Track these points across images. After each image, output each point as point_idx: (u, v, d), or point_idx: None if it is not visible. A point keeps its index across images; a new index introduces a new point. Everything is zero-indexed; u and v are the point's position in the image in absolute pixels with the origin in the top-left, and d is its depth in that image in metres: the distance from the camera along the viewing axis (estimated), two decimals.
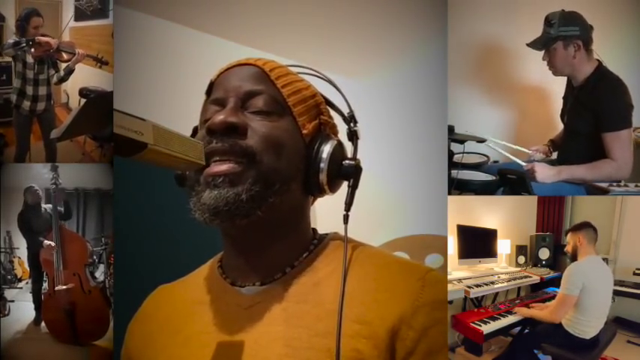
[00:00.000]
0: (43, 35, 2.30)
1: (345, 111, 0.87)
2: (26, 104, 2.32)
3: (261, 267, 0.79)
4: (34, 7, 2.32)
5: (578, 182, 1.93)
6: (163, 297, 0.91)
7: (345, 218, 0.81)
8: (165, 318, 0.85)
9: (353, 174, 0.81)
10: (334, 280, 0.76)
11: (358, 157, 0.84)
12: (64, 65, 2.34)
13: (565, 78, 2.10)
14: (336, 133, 0.87)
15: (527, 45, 2.01)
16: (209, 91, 0.83)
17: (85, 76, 2.39)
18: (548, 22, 1.96)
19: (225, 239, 0.82)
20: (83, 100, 2.45)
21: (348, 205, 0.81)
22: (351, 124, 0.86)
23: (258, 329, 0.75)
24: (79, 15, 2.47)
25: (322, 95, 0.86)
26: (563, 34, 1.94)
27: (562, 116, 2.14)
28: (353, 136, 0.85)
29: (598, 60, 1.98)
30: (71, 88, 2.49)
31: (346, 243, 0.79)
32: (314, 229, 0.87)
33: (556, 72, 2.03)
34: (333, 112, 0.88)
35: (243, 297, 0.78)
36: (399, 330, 0.71)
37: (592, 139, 1.93)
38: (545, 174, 1.92)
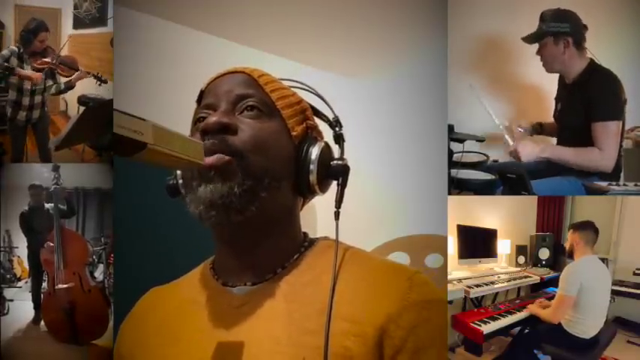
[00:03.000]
0: (46, 48, 2.31)
1: (331, 117, 0.90)
2: (22, 114, 2.33)
3: (253, 268, 0.81)
4: (42, 20, 2.32)
5: (559, 161, 1.96)
6: (155, 299, 0.92)
7: (336, 215, 0.83)
8: (156, 319, 0.86)
9: (341, 173, 0.84)
10: (324, 280, 0.77)
11: (357, 153, 0.88)
12: (63, 78, 2.35)
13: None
14: (322, 137, 0.90)
15: (522, 39, 2.04)
16: (199, 99, 0.86)
17: (84, 84, 2.39)
18: (541, 17, 2.01)
19: (217, 241, 0.84)
20: (82, 108, 2.45)
21: (338, 202, 0.84)
22: (337, 129, 0.89)
23: (249, 327, 0.76)
24: (78, 23, 2.48)
25: (308, 103, 0.89)
26: (553, 30, 1.98)
27: (555, 116, 2.15)
28: (339, 139, 0.89)
29: (591, 58, 1.99)
30: (70, 95, 2.49)
31: (337, 239, 0.81)
32: (305, 233, 0.88)
33: (547, 68, 2.06)
34: (319, 120, 0.91)
35: (234, 297, 0.80)
36: (387, 329, 0.72)
37: (587, 133, 1.94)
38: (528, 152, 1.95)
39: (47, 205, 2.25)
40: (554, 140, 2.19)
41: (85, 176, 2.31)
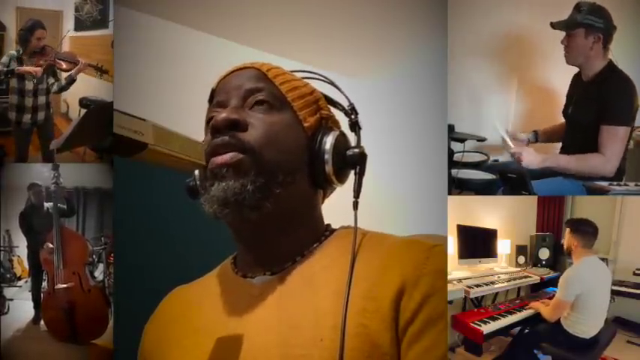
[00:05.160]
0: (44, 47, 2.31)
1: (345, 105, 0.89)
2: (27, 117, 2.32)
3: (272, 259, 0.81)
4: (39, 19, 2.32)
5: (562, 171, 1.96)
6: (178, 296, 0.93)
7: (355, 205, 0.83)
8: (178, 314, 0.87)
9: (358, 161, 0.83)
10: (342, 264, 0.77)
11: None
12: (64, 74, 2.34)
13: (570, 77, 2.10)
14: (338, 127, 0.89)
15: (551, 24, 2.00)
16: (211, 98, 0.85)
17: (85, 86, 2.39)
18: (577, 7, 1.97)
19: (236, 237, 0.84)
20: (83, 110, 2.45)
21: (357, 192, 0.83)
22: (352, 116, 0.88)
23: (267, 314, 0.76)
24: (79, 25, 2.48)
25: (321, 92, 0.88)
26: (587, 22, 1.95)
27: (564, 113, 2.14)
28: (355, 126, 0.88)
29: (610, 59, 1.98)
30: (71, 97, 2.49)
31: (356, 228, 0.80)
32: (327, 224, 0.88)
33: (569, 59, 2.02)
34: (335, 110, 0.91)
35: (253, 286, 0.80)
36: (400, 300, 0.72)
37: (595, 132, 1.93)
38: (530, 159, 1.94)
39: (47, 205, 2.25)
40: (553, 145, 2.19)
41: (85, 176, 2.30)
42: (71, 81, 2.32)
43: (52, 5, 2.49)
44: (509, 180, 1.95)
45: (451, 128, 2.03)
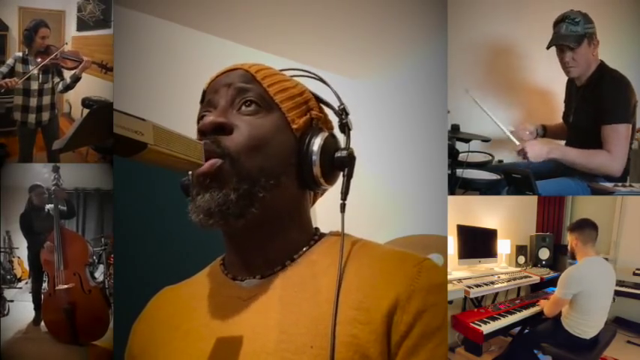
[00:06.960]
0: (48, 46, 2.31)
1: (337, 106, 0.88)
2: (32, 117, 2.32)
3: (262, 262, 0.81)
4: (43, 19, 2.33)
5: (568, 164, 1.94)
6: (167, 297, 0.92)
7: (342, 207, 0.82)
8: (167, 316, 0.87)
9: (347, 163, 0.83)
10: (332, 271, 0.77)
11: (357, 154, 0.85)
12: (69, 73, 2.34)
13: (565, 78, 2.10)
14: (330, 128, 0.89)
15: (561, 44, 1.95)
16: (203, 99, 0.86)
17: (87, 86, 2.39)
18: (572, 20, 1.93)
19: (226, 238, 0.84)
20: (86, 110, 2.45)
21: (344, 194, 0.83)
22: (342, 117, 0.87)
23: (256, 318, 0.76)
24: (82, 26, 2.48)
25: (312, 92, 0.88)
26: (589, 31, 1.93)
27: (565, 118, 2.14)
28: (344, 127, 0.87)
29: (601, 60, 1.98)
30: (74, 97, 2.49)
31: (343, 231, 0.81)
32: (316, 228, 0.88)
33: (575, 72, 1.99)
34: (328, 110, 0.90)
35: (243, 290, 0.80)
36: (394, 314, 0.72)
37: (597, 136, 1.93)
38: (536, 152, 1.92)
39: (47, 206, 2.25)
40: (560, 142, 2.18)
41: (85, 177, 2.30)
42: (76, 79, 2.32)
43: (55, 5, 2.50)
44: (513, 180, 1.95)
45: (456, 128, 2.02)
